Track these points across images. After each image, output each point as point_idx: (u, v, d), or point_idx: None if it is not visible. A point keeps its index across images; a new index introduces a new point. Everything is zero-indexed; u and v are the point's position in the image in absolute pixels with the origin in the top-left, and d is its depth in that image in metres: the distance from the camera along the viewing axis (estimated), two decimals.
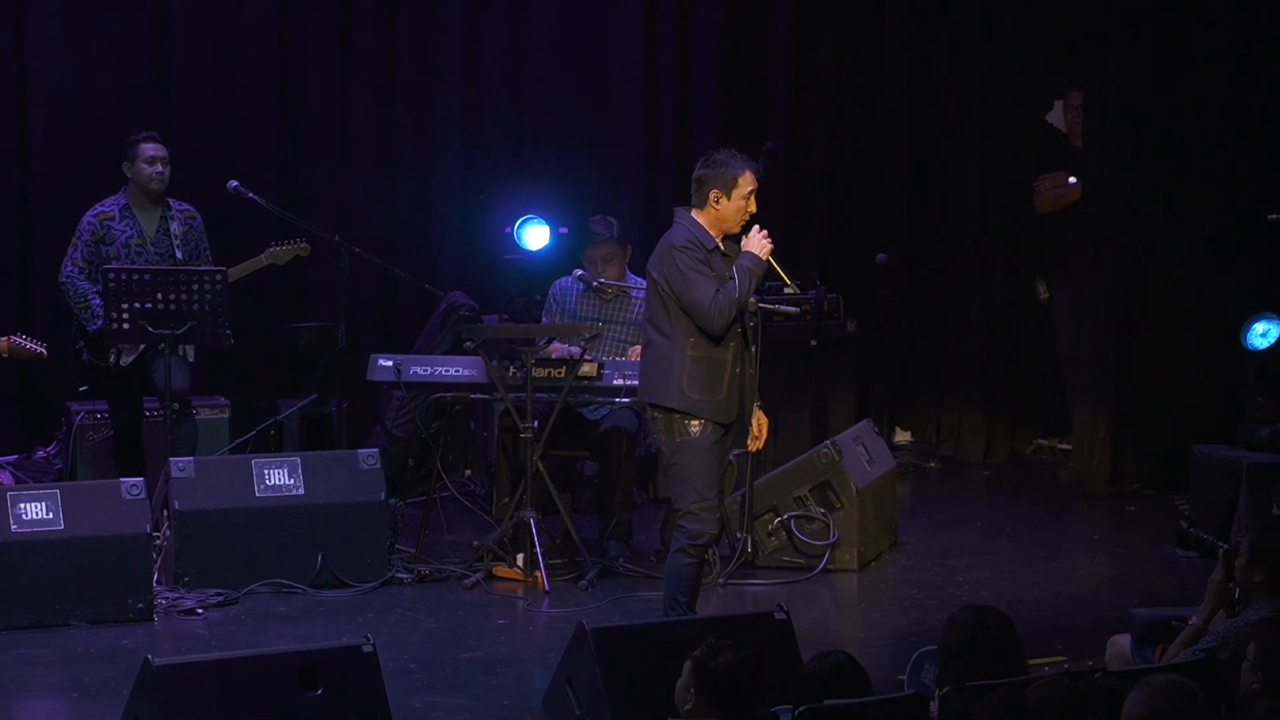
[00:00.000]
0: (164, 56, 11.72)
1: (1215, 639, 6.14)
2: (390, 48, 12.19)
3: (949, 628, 5.70)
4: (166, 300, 9.43)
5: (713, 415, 7.70)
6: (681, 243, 7.70)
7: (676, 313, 7.69)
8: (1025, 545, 10.38)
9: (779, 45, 12.94)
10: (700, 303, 7.63)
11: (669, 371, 7.69)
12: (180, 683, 6.19)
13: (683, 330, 7.68)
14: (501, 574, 9.44)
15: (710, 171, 7.78)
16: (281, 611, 8.96)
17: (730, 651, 5.45)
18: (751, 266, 7.73)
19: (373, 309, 12.07)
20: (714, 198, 7.74)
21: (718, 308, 7.62)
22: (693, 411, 7.68)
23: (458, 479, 11.02)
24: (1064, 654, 7.91)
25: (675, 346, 7.70)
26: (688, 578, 7.80)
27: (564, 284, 10.15)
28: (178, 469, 9.19)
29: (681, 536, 7.78)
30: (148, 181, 9.94)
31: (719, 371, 7.70)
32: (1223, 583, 6.40)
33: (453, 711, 7.48)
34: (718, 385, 7.69)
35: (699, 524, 7.73)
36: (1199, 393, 11.41)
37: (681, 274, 7.65)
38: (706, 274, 7.66)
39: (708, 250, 7.71)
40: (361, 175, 12.15)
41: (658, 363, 7.76)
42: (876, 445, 10.41)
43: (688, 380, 7.66)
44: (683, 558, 7.79)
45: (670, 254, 7.70)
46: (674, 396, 7.69)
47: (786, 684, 5.83)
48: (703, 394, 7.67)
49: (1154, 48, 11.46)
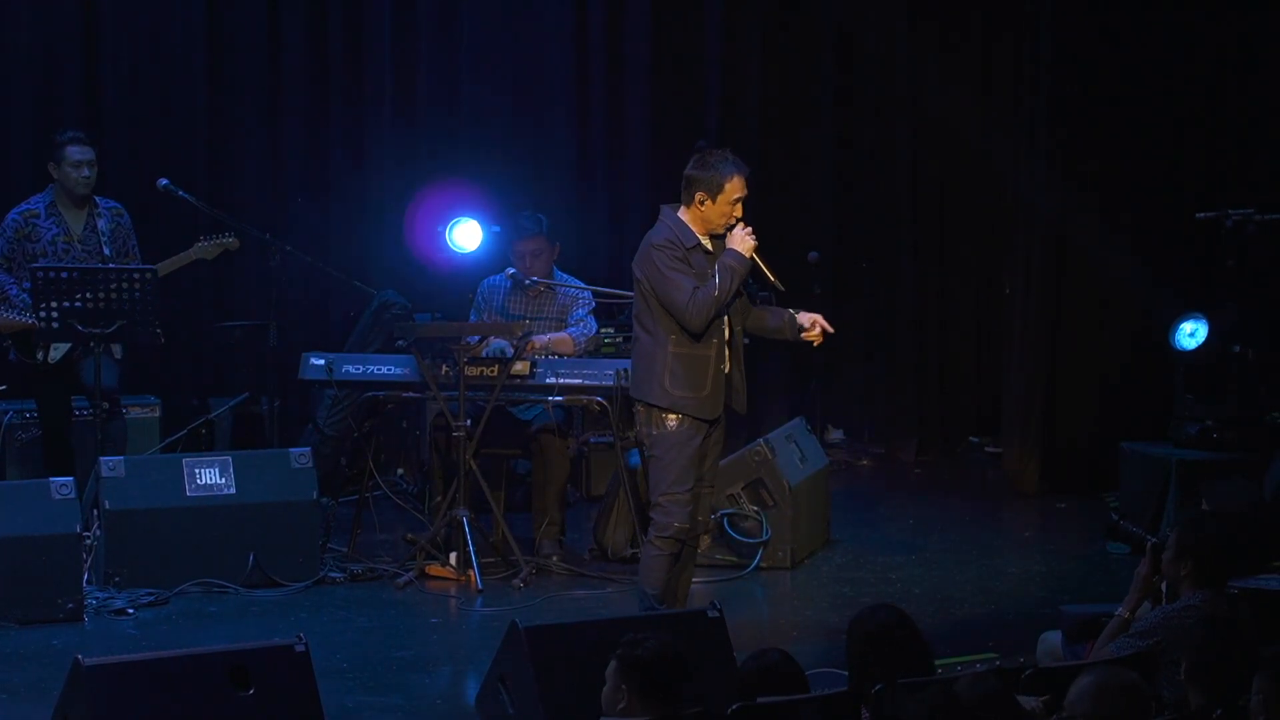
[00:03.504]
0: (93, 53, 11.66)
1: (1144, 625, 6.19)
2: (320, 46, 12.16)
3: (849, 636, 5.73)
4: (96, 299, 9.37)
5: (695, 411, 7.73)
6: (660, 241, 7.73)
7: (658, 310, 7.72)
8: (957, 543, 10.43)
9: (710, 46, 12.96)
10: (677, 301, 7.65)
11: (652, 368, 7.74)
12: (110, 683, 6.14)
13: (664, 328, 7.72)
14: (434, 573, 9.43)
15: (698, 173, 7.77)
16: (213, 611, 8.92)
17: (652, 639, 5.45)
18: (734, 264, 7.74)
19: (304, 307, 12.02)
20: (699, 199, 7.74)
21: (695, 306, 7.64)
22: (675, 407, 7.71)
23: (390, 478, 10.99)
24: (995, 651, 7.94)
25: (658, 344, 7.74)
26: (654, 569, 7.83)
27: (493, 282, 10.14)
28: (108, 468, 9.14)
29: (651, 528, 7.85)
30: (74, 186, 9.89)
31: (702, 368, 7.73)
32: (1148, 576, 6.45)
33: (385, 711, 7.47)
34: (701, 382, 7.72)
35: (666, 515, 7.77)
36: (1128, 390, 11.50)
37: (660, 272, 7.68)
38: (685, 272, 7.68)
39: (687, 248, 7.72)
40: (292, 173, 12.12)
41: (642, 359, 7.81)
42: (809, 443, 10.44)
43: (669, 377, 7.70)
44: (650, 549, 7.84)
45: (649, 253, 7.74)
46: (656, 393, 7.73)
47: (719, 682, 5.83)
48: (685, 390, 7.70)
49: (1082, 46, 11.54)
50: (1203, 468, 10.03)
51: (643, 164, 12.65)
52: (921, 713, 5.05)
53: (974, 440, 13.17)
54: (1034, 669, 5.80)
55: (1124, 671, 5.18)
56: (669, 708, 5.37)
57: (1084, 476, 11.48)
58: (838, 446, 12.97)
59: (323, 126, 12.21)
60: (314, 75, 12.16)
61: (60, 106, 11.39)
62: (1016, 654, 7.62)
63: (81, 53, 11.64)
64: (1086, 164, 11.55)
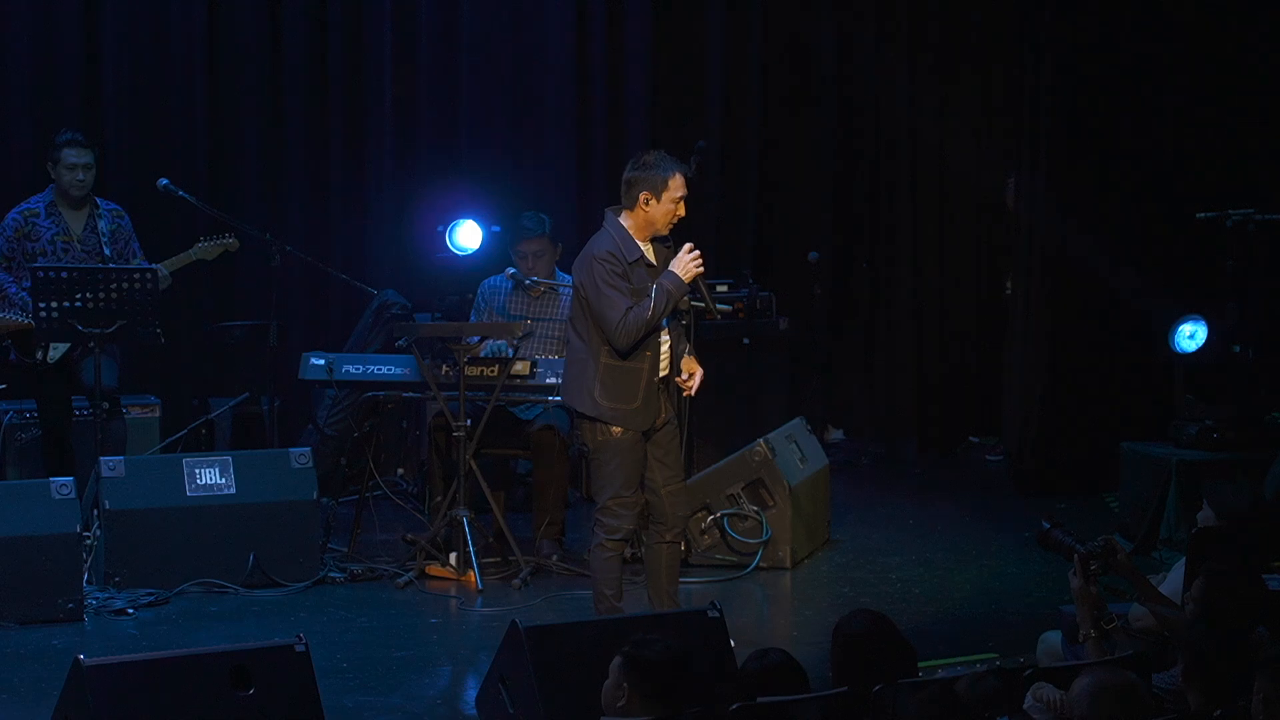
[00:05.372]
0: (93, 53, 11.65)
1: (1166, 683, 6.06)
2: (320, 46, 12.15)
3: (832, 642, 5.73)
4: (95, 298, 9.37)
5: (626, 423, 7.73)
6: (601, 254, 7.69)
7: (593, 320, 7.70)
8: (957, 542, 10.42)
9: (711, 45, 12.97)
10: (610, 320, 7.63)
11: (583, 377, 7.74)
12: (111, 683, 6.14)
13: (598, 338, 7.72)
14: (434, 573, 9.43)
15: (640, 174, 7.77)
16: (213, 611, 8.92)
17: (660, 642, 5.46)
18: (671, 289, 7.70)
19: (304, 307, 12.02)
20: (643, 200, 7.74)
21: (625, 327, 7.62)
22: (604, 418, 7.71)
23: (390, 478, 10.99)
24: (996, 651, 7.94)
25: (590, 353, 7.74)
26: (609, 570, 7.87)
27: (494, 282, 10.14)
28: (108, 468, 9.14)
29: (600, 532, 7.85)
30: (69, 188, 9.91)
31: (634, 381, 7.71)
32: (1083, 589, 6.40)
33: (385, 711, 7.47)
34: (632, 394, 7.71)
35: (615, 519, 7.81)
36: (1128, 390, 11.50)
37: (596, 286, 7.66)
38: (621, 289, 7.64)
39: (629, 262, 7.69)
40: (292, 173, 12.12)
41: (574, 365, 7.82)
42: (809, 443, 10.44)
43: (600, 388, 7.70)
44: (601, 552, 7.87)
45: (590, 264, 7.71)
46: (587, 403, 7.74)
47: (720, 682, 5.83)
48: (615, 402, 7.71)
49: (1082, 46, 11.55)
50: (1203, 468, 10.02)
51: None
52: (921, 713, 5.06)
53: (974, 440, 13.17)
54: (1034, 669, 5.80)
55: (1123, 672, 5.18)
56: (669, 710, 5.37)
57: (1084, 476, 11.48)
58: (838, 446, 12.97)
59: (323, 126, 12.20)
60: (314, 75, 12.16)
61: (60, 107, 11.39)
62: (1016, 654, 7.61)
63: (81, 53, 11.63)
64: (1086, 164, 11.55)
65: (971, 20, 12.88)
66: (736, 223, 13.00)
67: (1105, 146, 11.56)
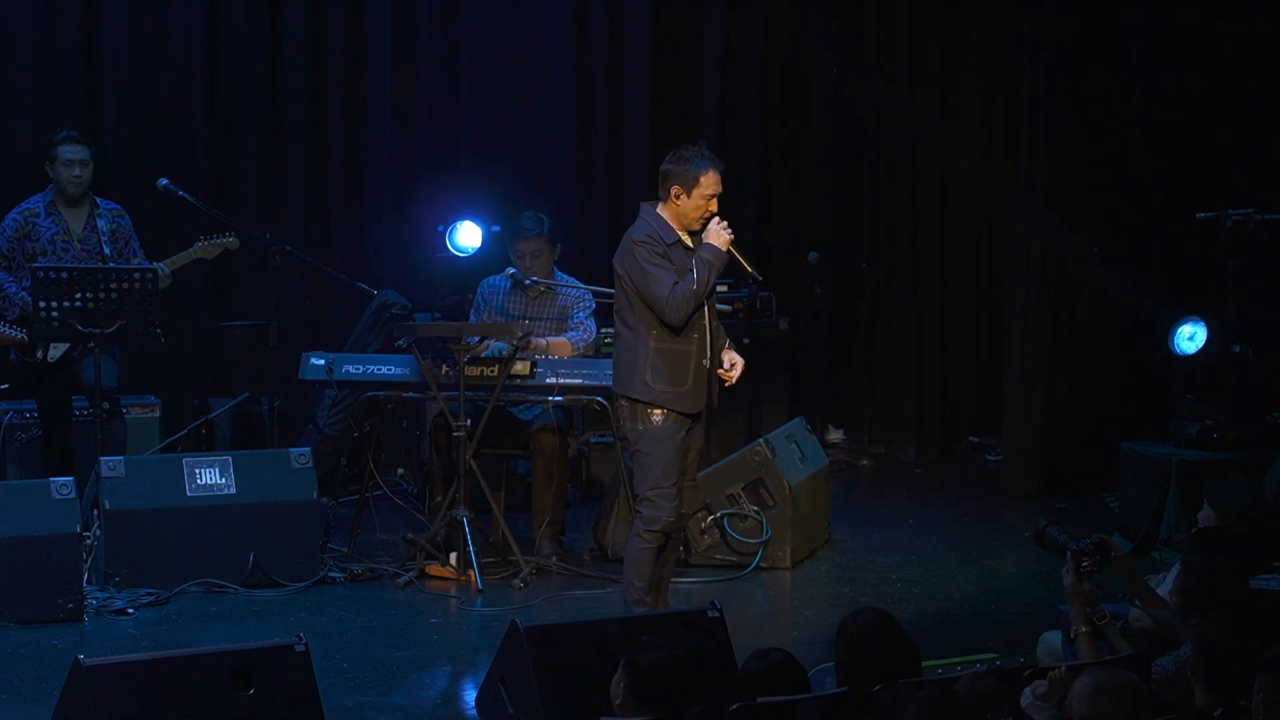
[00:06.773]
0: (93, 53, 11.66)
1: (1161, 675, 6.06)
2: (320, 46, 12.15)
3: (837, 640, 5.73)
4: (95, 298, 9.36)
5: (677, 405, 7.79)
6: (640, 237, 7.79)
7: (639, 306, 7.78)
8: (957, 542, 10.42)
9: (711, 44, 12.96)
10: (659, 296, 7.71)
11: (634, 363, 7.80)
12: (111, 683, 6.14)
13: (645, 323, 7.78)
14: (434, 573, 9.43)
15: (674, 167, 7.85)
16: (213, 611, 8.92)
17: (661, 650, 5.47)
18: (710, 258, 7.80)
19: (304, 307, 12.02)
20: (675, 193, 7.82)
21: (675, 300, 7.70)
22: (656, 401, 7.77)
23: (390, 478, 10.99)
24: (996, 651, 7.93)
25: (640, 339, 7.79)
26: (644, 563, 7.88)
27: (492, 282, 10.14)
28: (108, 468, 9.14)
29: (638, 522, 7.88)
30: (65, 185, 9.92)
31: (684, 363, 7.78)
32: (1076, 585, 6.40)
33: (385, 711, 7.47)
34: (682, 376, 7.77)
35: (654, 510, 7.83)
36: (1128, 390, 11.50)
37: (640, 268, 7.75)
38: (665, 267, 7.74)
39: (667, 244, 7.79)
40: (292, 173, 12.12)
41: (624, 354, 7.87)
42: (809, 443, 10.44)
43: (651, 372, 7.76)
44: (638, 542, 7.89)
45: (630, 249, 7.81)
46: (638, 387, 7.79)
47: (720, 682, 5.83)
48: (666, 385, 7.77)
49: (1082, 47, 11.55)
50: (1203, 468, 10.01)
51: (643, 165, 12.63)
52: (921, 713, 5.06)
53: (974, 440, 13.16)
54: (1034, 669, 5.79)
55: (1123, 672, 5.18)
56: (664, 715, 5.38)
57: (1084, 476, 11.48)
58: (838, 446, 12.97)
59: (322, 126, 12.20)
60: (314, 75, 12.15)
61: (60, 106, 11.38)
62: (1016, 654, 7.61)
63: (81, 53, 11.63)
64: (1086, 163, 11.55)
65: (972, 20, 12.87)
66: (735, 222, 12.92)
67: (1105, 146, 11.57)
